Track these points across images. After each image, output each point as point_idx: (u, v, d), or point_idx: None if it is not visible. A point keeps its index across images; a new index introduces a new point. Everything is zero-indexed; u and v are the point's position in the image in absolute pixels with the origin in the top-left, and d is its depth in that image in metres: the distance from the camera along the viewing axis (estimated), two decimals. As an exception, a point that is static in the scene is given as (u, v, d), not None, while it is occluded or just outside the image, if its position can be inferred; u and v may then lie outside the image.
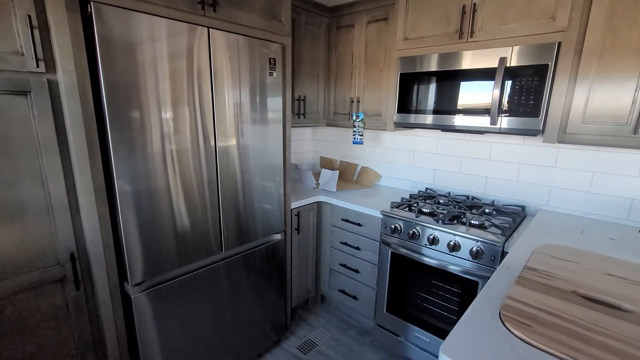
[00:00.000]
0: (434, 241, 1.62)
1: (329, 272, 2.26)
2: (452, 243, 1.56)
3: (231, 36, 1.41)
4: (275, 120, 1.68)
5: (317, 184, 2.36)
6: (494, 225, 1.60)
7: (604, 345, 0.74)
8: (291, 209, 1.97)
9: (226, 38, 1.39)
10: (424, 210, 1.78)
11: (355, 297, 2.11)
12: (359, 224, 2.00)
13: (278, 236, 1.86)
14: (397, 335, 1.89)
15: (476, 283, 1.53)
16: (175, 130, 1.29)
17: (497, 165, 1.94)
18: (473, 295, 1.54)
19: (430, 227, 1.65)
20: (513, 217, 1.68)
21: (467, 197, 2.05)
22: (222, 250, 1.57)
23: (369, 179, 2.51)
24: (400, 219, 1.76)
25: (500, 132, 1.57)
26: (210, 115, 1.40)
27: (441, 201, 1.96)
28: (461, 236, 1.54)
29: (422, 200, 2.01)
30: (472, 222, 1.61)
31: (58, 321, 1.18)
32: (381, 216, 1.86)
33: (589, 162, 1.65)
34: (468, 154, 2.04)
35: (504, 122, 1.55)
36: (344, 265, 2.14)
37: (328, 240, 2.23)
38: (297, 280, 2.16)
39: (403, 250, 1.75)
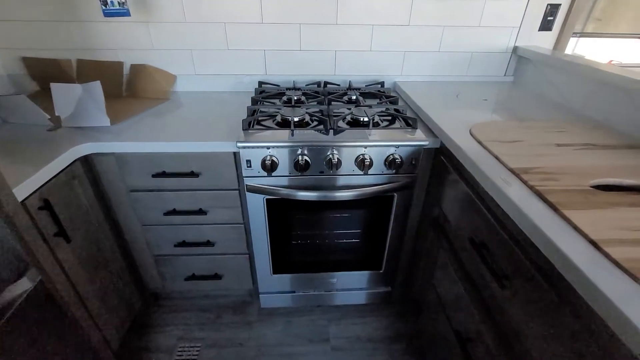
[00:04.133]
0: (333, 165, 1.06)
1: (155, 262, 1.33)
2: (362, 159, 1.06)
3: None
4: None
5: (58, 120, 1.11)
6: (397, 116, 1.20)
7: None
8: (21, 202, 0.80)
9: None
10: (296, 119, 1.12)
11: (217, 276, 1.38)
12: (192, 174, 1.11)
13: (27, 284, 0.73)
14: (294, 292, 1.43)
15: (392, 197, 1.18)
16: None
17: (348, 32, 1.43)
18: (388, 213, 1.21)
19: (323, 146, 1.05)
20: (392, 99, 1.33)
21: (318, 84, 1.51)
22: None
23: (156, 85, 1.44)
24: (274, 147, 1.04)
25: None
26: None
27: (295, 97, 1.33)
28: (376, 146, 1.05)
29: (269, 102, 1.31)
30: (377, 121, 1.13)
31: None
32: (236, 150, 1.06)
33: (441, 15, 1.41)
34: (309, 19, 1.39)
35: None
36: (183, 244, 1.28)
37: (133, 217, 1.21)
38: (100, 312, 1.15)
39: (286, 192, 1.11)
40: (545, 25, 1.48)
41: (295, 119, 1.12)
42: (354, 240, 1.30)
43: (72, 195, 1.00)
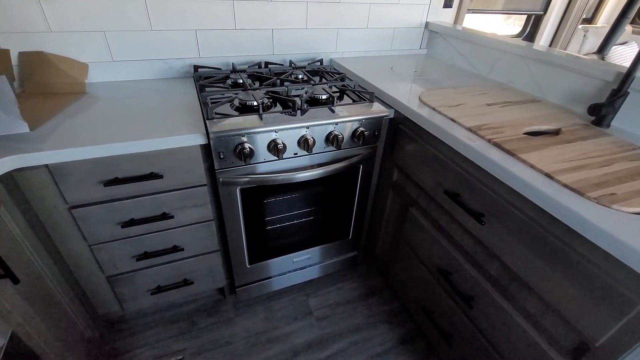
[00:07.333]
0: (309, 145, 1.08)
1: (110, 284, 1.16)
2: (334, 136, 1.10)
3: None
4: None
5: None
6: (354, 92, 1.26)
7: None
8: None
9: None
10: (254, 104, 1.09)
11: (188, 282, 1.28)
12: (154, 175, 0.98)
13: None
14: (270, 278, 1.43)
15: (358, 168, 1.26)
16: None
17: (283, 9, 1.40)
18: (354, 183, 1.30)
19: (297, 127, 1.05)
20: (341, 76, 1.38)
21: (259, 64, 1.45)
22: None
23: (64, 77, 1.18)
24: (248, 134, 1.00)
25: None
26: None
27: (240, 81, 1.27)
28: (344, 121, 1.10)
29: (217, 87, 1.22)
30: (335, 98, 1.17)
31: None
32: (205, 142, 0.97)
33: (367, -8, 1.51)
34: (242, -4, 1.31)
35: None
36: (144, 255, 1.13)
37: (76, 239, 1.02)
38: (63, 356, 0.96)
39: (264, 179, 1.08)
40: (447, 3, 1.72)
41: (256, 103, 1.09)
42: (325, 215, 1.36)
43: (1, 227, 0.79)
